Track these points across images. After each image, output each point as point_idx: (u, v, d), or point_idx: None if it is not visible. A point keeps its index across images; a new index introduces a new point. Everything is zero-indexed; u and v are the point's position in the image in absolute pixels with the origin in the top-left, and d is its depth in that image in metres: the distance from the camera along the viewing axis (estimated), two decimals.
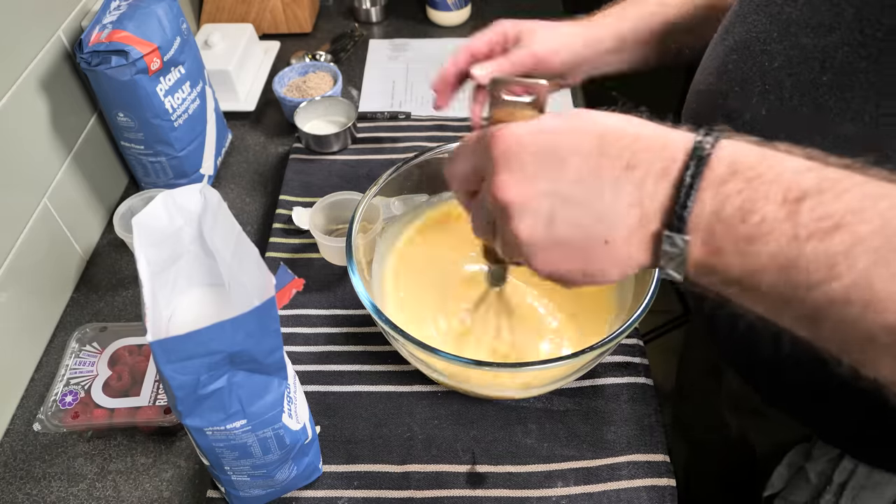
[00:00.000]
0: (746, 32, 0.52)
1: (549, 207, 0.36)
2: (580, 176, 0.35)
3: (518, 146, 0.36)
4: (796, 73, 0.48)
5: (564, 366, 0.54)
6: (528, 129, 0.37)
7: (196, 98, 0.81)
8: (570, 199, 0.35)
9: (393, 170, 0.66)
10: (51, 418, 0.60)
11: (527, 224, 0.36)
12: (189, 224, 0.49)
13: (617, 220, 0.35)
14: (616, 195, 0.35)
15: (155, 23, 0.72)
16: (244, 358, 0.43)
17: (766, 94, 0.50)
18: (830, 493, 0.59)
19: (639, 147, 0.35)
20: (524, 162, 0.36)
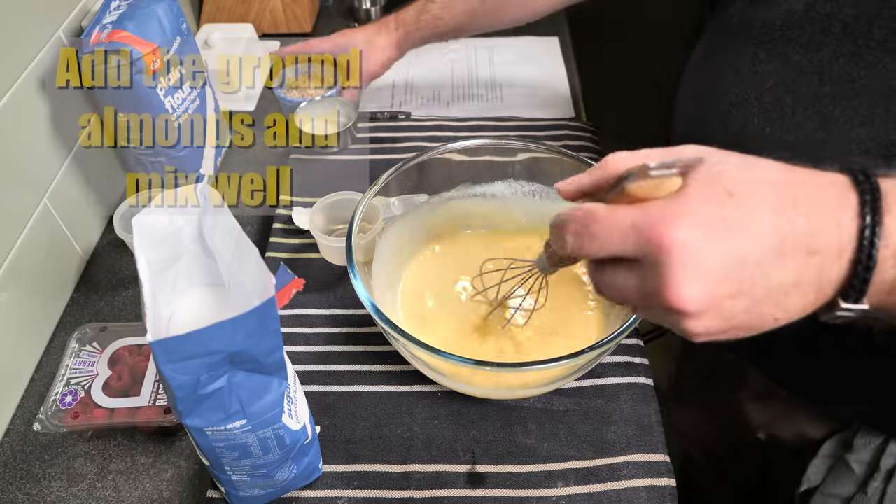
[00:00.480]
0: (731, 57, 0.53)
1: (729, 308, 0.34)
2: (763, 271, 0.33)
3: (695, 249, 0.33)
4: (794, 90, 0.48)
5: (564, 366, 0.54)
6: (697, 225, 0.33)
7: (196, 98, 0.81)
8: (751, 295, 0.34)
9: (393, 170, 0.66)
10: (51, 418, 0.60)
11: (704, 325, 0.34)
12: (189, 224, 0.49)
13: (794, 303, 0.34)
14: (797, 283, 0.34)
15: (155, 23, 0.72)
16: (244, 358, 0.43)
17: (766, 112, 0.50)
18: (878, 481, 0.58)
19: (815, 224, 0.34)
20: (704, 268, 0.33)
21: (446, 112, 0.98)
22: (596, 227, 0.35)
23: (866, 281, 0.33)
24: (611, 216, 0.35)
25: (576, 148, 0.88)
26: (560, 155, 0.69)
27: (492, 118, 0.94)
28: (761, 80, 0.51)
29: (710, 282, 0.33)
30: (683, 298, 0.33)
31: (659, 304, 0.34)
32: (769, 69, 0.50)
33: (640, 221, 0.34)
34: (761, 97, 0.51)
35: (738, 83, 0.52)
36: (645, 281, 0.34)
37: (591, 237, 0.36)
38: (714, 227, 0.33)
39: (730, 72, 0.53)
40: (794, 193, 0.34)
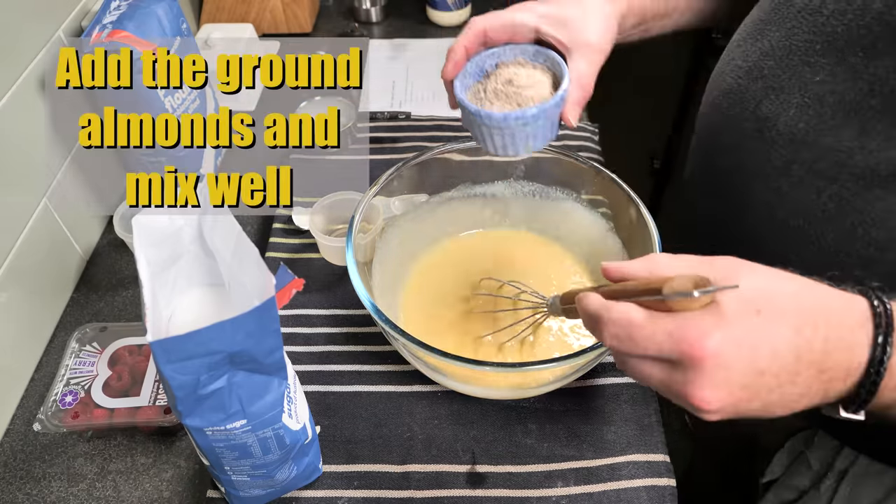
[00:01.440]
0: (785, 38, 0.51)
1: (744, 407, 0.38)
2: (778, 383, 0.37)
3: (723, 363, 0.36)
4: (840, 92, 0.47)
5: (564, 366, 0.54)
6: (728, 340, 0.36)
7: (196, 98, 0.81)
8: (764, 401, 0.38)
9: (393, 170, 0.66)
10: (51, 418, 0.60)
11: (716, 416, 0.38)
12: (189, 224, 0.49)
13: (797, 407, 0.39)
14: (805, 394, 0.38)
15: (155, 23, 0.73)
16: (244, 358, 0.43)
17: (805, 107, 0.49)
18: (831, 479, 0.61)
19: (831, 346, 0.37)
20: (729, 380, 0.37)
21: (446, 112, 0.98)
22: (637, 334, 0.39)
23: (866, 402, 0.38)
24: (651, 325, 0.38)
25: (576, 148, 0.88)
26: (560, 155, 0.69)
27: None
28: (811, 71, 0.48)
29: (732, 390, 0.37)
30: (705, 401, 0.37)
31: (680, 397, 0.39)
32: (821, 62, 0.48)
33: (677, 333, 0.37)
34: (805, 88, 0.49)
35: (785, 68, 0.50)
36: (672, 377, 0.38)
37: (632, 341, 0.39)
38: (741, 344, 0.36)
39: (780, 53, 0.51)
40: (815, 315, 0.38)
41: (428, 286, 0.70)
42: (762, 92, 0.52)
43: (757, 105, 0.53)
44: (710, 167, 0.61)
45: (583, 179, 0.69)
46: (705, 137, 0.62)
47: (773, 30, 0.52)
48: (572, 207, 0.72)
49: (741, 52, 0.56)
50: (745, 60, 0.55)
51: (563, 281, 0.70)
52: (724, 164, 0.58)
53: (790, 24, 0.50)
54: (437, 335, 0.65)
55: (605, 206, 0.69)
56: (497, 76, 0.56)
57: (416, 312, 0.68)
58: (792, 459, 0.65)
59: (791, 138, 0.50)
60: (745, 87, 0.54)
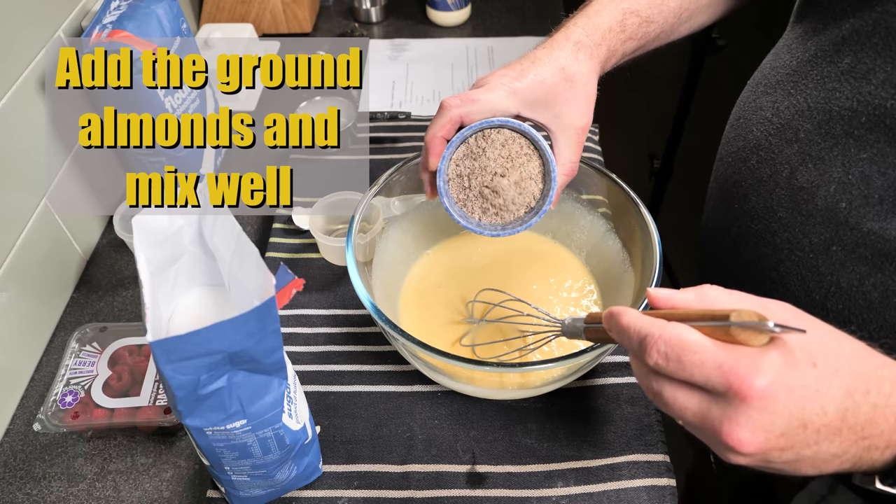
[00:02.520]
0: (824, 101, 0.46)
1: (775, 458, 0.36)
2: (816, 440, 0.36)
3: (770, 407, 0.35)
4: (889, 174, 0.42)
5: (564, 366, 0.54)
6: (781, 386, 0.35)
7: (196, 98, 0.81)
8: (797, 454, 0.36)
9: (393, 170, 0.66)
10: (51, 418, 0.60)
11: (744, 461, 0.37)
12: (189, 224, 0.49)
13: (828, 469, 0.37)
14: (840, 457, 0.37)
15: (155, 23, 0.73)
16: (244, 358, 0.43)
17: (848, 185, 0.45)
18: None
19: (878, 415, 0.36)
20: (771, 425, 0.35)
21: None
22: (687, 358, 0.36)
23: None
24: (704, 351, 0.36)
25: None
26: None
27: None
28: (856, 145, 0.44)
29: (769, 437, 0.35)
30: (741, 441, 0.35)
31: (714, 433, 0.36)
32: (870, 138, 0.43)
33: (728, 366, 0.35)
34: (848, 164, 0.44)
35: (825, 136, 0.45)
36: (711, 410, 0.36)
37: (679, 363, 0.37)
38: (792, 392, 0.35)
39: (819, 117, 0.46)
40: (868, 381, 0.36)
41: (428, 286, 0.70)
42: (797, 158, 0.48)
43: (792, 173, 0.48)
44: (736, 227, 0.56)
45: (583, 179, 0.69)
46: (728, 193, 0.57)
47: (811, 87, 0.47)
48: (572, 207, 0.72)
49: (770, 102, 0.51)
50: (775, 115, 0.50)
51: (563, 281, 0.70)
52: (753, 229, 0.53)
53: (831, 86, 0.46)
54: (437, 335, 0.65)
55: (605, 206, 0.69)
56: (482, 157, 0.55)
57: (416, 312, 0.68)
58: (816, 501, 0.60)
59: (831, 217, 0.46)
60: (777, 147, 0.49)
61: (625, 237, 0.67)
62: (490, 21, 1.18)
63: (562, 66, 0.53)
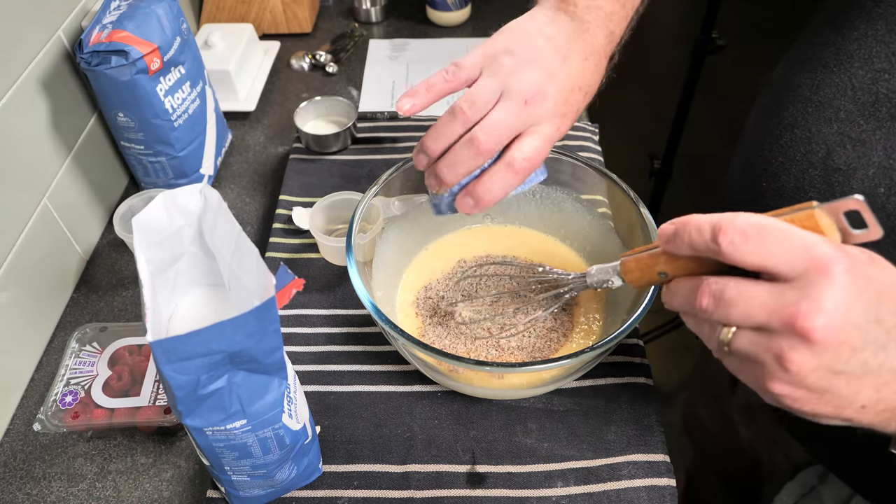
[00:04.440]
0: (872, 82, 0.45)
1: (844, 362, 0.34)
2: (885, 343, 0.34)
3: (853, 290, 0.33)
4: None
5: (564, 366, 0.54)
6: (865, 275, 0.33)
7: (196, 98, 0.81)
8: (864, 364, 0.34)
9: (393, 170, 0.66)
10: (51, 418, 0.60)
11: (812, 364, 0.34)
12: (189, 224, 0.49)
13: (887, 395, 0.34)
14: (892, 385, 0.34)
15: (155, 23, 0.72)
16: (244, 358, 0.43)
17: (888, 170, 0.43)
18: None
19: None
20: (850, 309, 0.33)
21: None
22: (770, 234, 0.35)
23: None
24: (788, 230, 0.34)
25: (576, 148, 0.88)
26: (560, 155, 0.69)
27: None
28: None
29: (846, 322, 0.33)
30: (815, 321, 0.33)
31: (785, 320, 0.33)
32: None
33: (814, 245, 0.33)
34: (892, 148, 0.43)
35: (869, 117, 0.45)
36: (785, 295, 0.34)
37: (761, 241, 0.35)
38: (872, 284, 0.33)
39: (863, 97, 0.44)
40: None
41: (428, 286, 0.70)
42: (836, 138, 0.46)
43: (828, 153, 0.47)
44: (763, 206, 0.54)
45: (583, 179, 0.69)
46: (756, 171, 0.56)
47: (857, 65, 0.46)
48: (572, 207, 0.72)
49: (809, 79, 0.50)
50: (814, 92, 0.49)
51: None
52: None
53: (879, 66, 0.44)
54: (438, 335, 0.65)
55: (605, 207, 0.69)
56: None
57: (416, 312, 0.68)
58: (804, 491, 0.62)
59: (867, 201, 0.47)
60: (815, 126, 0.48)
61: (625, 237, 0.67)
62: (490, 21, 1.18)
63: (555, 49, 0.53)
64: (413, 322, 0.67)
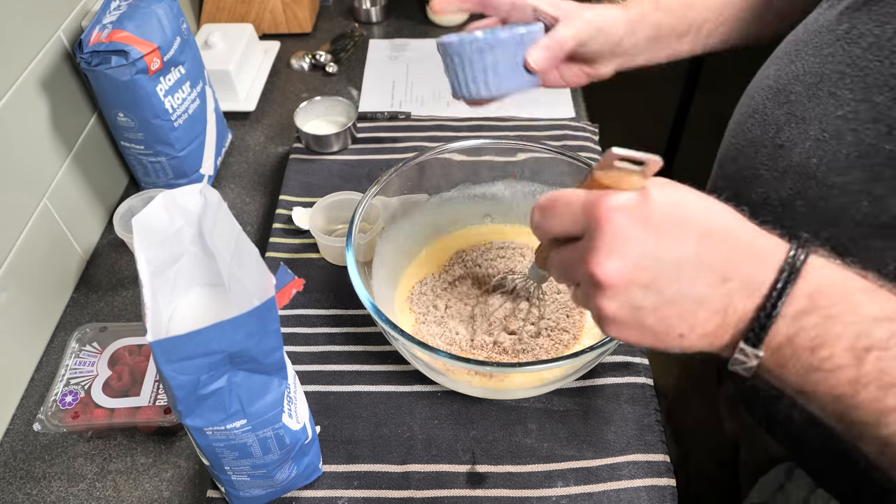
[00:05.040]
0: (819, 65, 0.49)
1: (640, 298, 0.37)
2: (677, 276, 0.36)
3: (625, 231, 0.36)
4: (860, 131, 0.45)
5: (564, 366, 0.54)
6: (637, 213, 0.36)
7: (196, 98, 0.81)
8: (661, 293, 0.37)
9: (393, 170, 0.66)
10: (51, 418, 0.60)
11: (615, 305, 0.37)
12: (189, 224, 0.49)
13: (697, 322, 0.37)
14: (703, 301, 0.36)
15: (155, 23, 0.72)
16: (244, 358, 0.43)
17: (822, 141, 0.47)
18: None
19: (736, 258, 0.36)
20: (627, 249, 0.36)
21: (446, 112, 0.98)
22: (558, 204, 0.40)
23: (765, 328, 0.35)
24: (571, 196, 0.39)
25: (576, 148, 0.88)
26: (560, 155, 0.69)
27: (492, 118, 0.94)
28: (835, 104, 0.47)
29: (627, 262, 0.36)
30: (601, 267, 0.36)
31: (585, 274, 0.38)
32: (847, 97, 0.46)
33: (591, 202, 0.38)
34: (825, 121, 0.47)
35: (812, 96, 0.48)
36: (580, 252, 0.38)
37: (554, 213, 0.40)
38: (648, 223, 0.36)
39: (810, 80, 0.49)
40: (731, 229, 0.37)
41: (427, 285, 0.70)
42: (785, 118, 0.51)
43: (777, 132, 0.51)
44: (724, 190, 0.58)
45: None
46: (724, 156, 0.59)
47: (810, 54, 0.50)
48: None
49: (775, 71, 0.54)
50: (776, 81, 0.53)
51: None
52: (739, 189, 0.55)
53: (827, 51, 0.49)
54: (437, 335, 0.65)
55: None
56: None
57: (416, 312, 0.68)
58: (774, 489, 0.63)
59: (802, 172, 0.48)
60: (771, 110, 0.52)
61: None
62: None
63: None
64: (407, 318, 0.67)
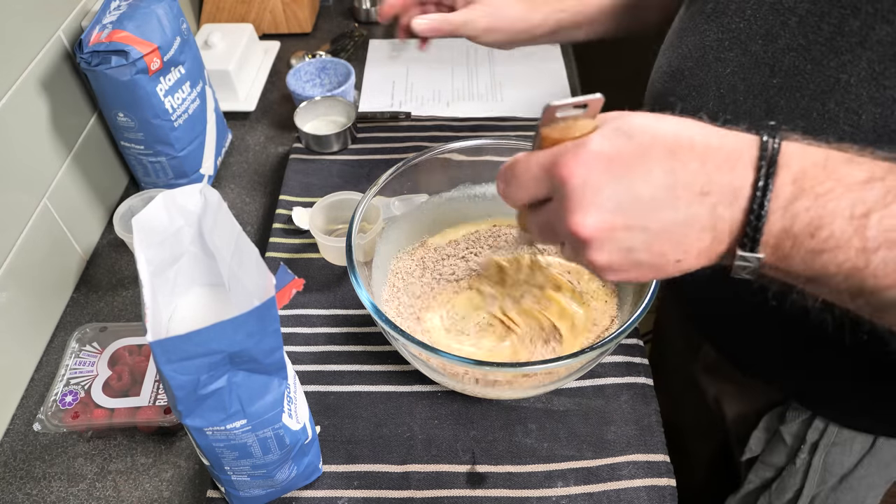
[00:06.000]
0: (700, 41, 0.55)
1: (627, 239, 0.37)
2: (656, 207, 0.36)
3: (592, 179, 0.36)
4: (748, 78, 0.50)
5: (564, 366, 0.54)
6: (597, 159, 0.36)
7: (196, 98, 0.81)
8: (646, 229, 0.36)
9: (393, 170, 0.66)
10: (51, 418, 0.60)
11: (604, 255, 0.37)
12: (189, 224, 0.49)
13: (690, 244, 0.37)
14: (690, 222, 0.36)
15: (155, 23, 0.72)
16: (244, 358, 0.43)
17: (721, 97, 0.52)
18: (805, 452, 0.63)
19: (709, 168, 0.36)
20: (599, 196, 0.36)
21: (446, 112, 0.98)
22: (516, 170, 0.40)
23: (758, 229, 0.35)
24: (526, 160, 0.39)
25: None
26: None
27: (492, 118, 0.94)
28: (722, 66, 0.52)
29: (604, 212, 0.36)
30: (580, 225, 0.36)
31: (567, 234, 0.37)
32: (730, 56, 0.52)
33: (548, 161, 0.37)
34: (720, 82, 0.53)
35: (702, 66, 0.54)
36: (554, 214, 0.38)
37: (515, 181, 0.40)
38: (611, 164, 0.36)
39: (696, 54, 0.55)
40: (692, 139, 0.36)
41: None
42: (685, 90, 0.55)
43: (683, 101, 0.56)
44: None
45: None
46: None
47: (690, 35, 0.56)
48: None
49: (665, 59, 0.60)
50: (668, 66, 0.58)
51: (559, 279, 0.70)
52: None
53: (703, 28, 0.55)
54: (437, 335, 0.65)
55: None
56: None
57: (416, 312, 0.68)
58: (769, 437, 0.67)
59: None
60: (670, 88, 0.57)
61: None
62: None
63: None
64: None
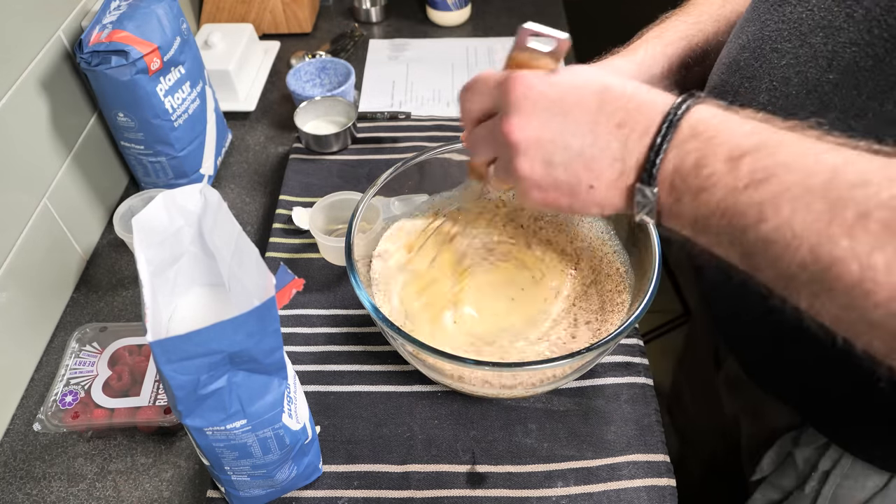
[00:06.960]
0: (759, 31, 0.55)
1: (550, 152, 0.42)
2: (579, 128, 0.41)
3: (532, 94, 0.42)
4: (803, 71, 0.50)
5: (564, 366, 0.54)
6: (542, 80, 0.42)
7: (196, 98, 0.81)
8: (567, 148, 0.42)
9: (393, 170, 0.66)
10: (51, 418, 0.60)
11: (528, 163, 0.43)
12: (189, 224, 0.49)
13: (602, 170, 0.42)
14: (605, 149, 0.41)
15: (155, 23, 0.72)
16: (244, 358, 0.43)
17: (773, 90, 0.52)
18: (815, 480, 0.62)
19: (631, 107, 0.41)
20: (534, 110, 0.42)
21: (446, 112, 0.98)
22: (477, 83, 0.46)
23: (654, 164, 0.39)
24: (487, 74, 0.46)
25: None
26: None
27: None
28: (778, 57, 0.52)
29: (535, 122, 0.42)
30: (514, 127, 0.42)
31: (500, 139, 0.43)
32: (787, 47, 0.51)
33: (503, 76, 0.44)
34: (773, 73, 0.52)
35: (758, 57, 0.54)
36: (495, 123, 0.44)
37: (474, 88, 0.47)
38: (551, 87, 0.42)
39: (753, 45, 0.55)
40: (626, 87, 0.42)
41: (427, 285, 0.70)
42: (738, 82, 0.56)
43: (734, 95, 0.56)
44: None
45: None
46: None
47: (751, 26, 0.56)
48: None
49: (726, 50, 0.60)
50: (727, 56, 0.58)
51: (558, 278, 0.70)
52: None
53: (764, 18, 0.55)
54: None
55: None
56: None
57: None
58: (781, 459, 0.65)
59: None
60: (726, 80, 0.58)
61: (625, 238, 0.67)
62: (490, 21, 1.18)
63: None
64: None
